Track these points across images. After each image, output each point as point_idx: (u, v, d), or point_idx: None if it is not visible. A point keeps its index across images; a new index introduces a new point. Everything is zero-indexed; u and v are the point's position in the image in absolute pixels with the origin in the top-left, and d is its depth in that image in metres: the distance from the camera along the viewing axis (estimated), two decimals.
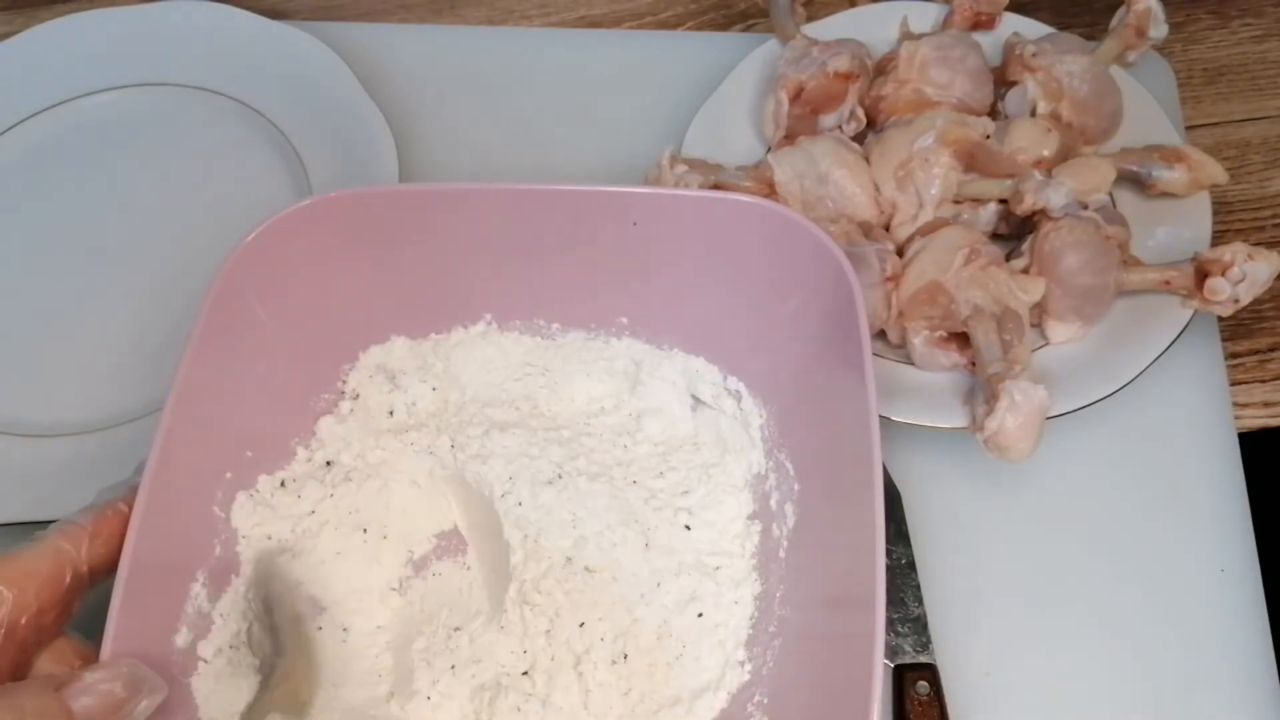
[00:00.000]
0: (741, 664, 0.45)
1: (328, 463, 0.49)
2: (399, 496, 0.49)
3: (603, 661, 0.45)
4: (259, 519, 0.46)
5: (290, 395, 0.48)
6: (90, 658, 0.38)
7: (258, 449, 0.47)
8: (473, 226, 0.48)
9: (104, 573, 0.39)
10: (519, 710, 0.44)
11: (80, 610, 0.39)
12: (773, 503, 0.47)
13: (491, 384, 0.51)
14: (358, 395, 0.50)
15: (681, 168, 0.55)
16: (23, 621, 0.36)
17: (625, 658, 0.45)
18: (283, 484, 0.48)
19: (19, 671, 0.37)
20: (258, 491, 0.47)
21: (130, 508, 0.40)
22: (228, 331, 0.45)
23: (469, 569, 0.49)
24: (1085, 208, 0.52)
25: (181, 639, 0.42)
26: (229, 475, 0.45)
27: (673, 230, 0.47)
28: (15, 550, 0.37)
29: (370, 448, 0.49)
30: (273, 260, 0.46)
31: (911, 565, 0.49)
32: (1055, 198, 0.51)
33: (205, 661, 0.42)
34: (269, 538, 0.46)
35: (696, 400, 0.51)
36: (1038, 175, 0.52)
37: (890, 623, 0.48)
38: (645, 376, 0.51)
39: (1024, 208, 0.52)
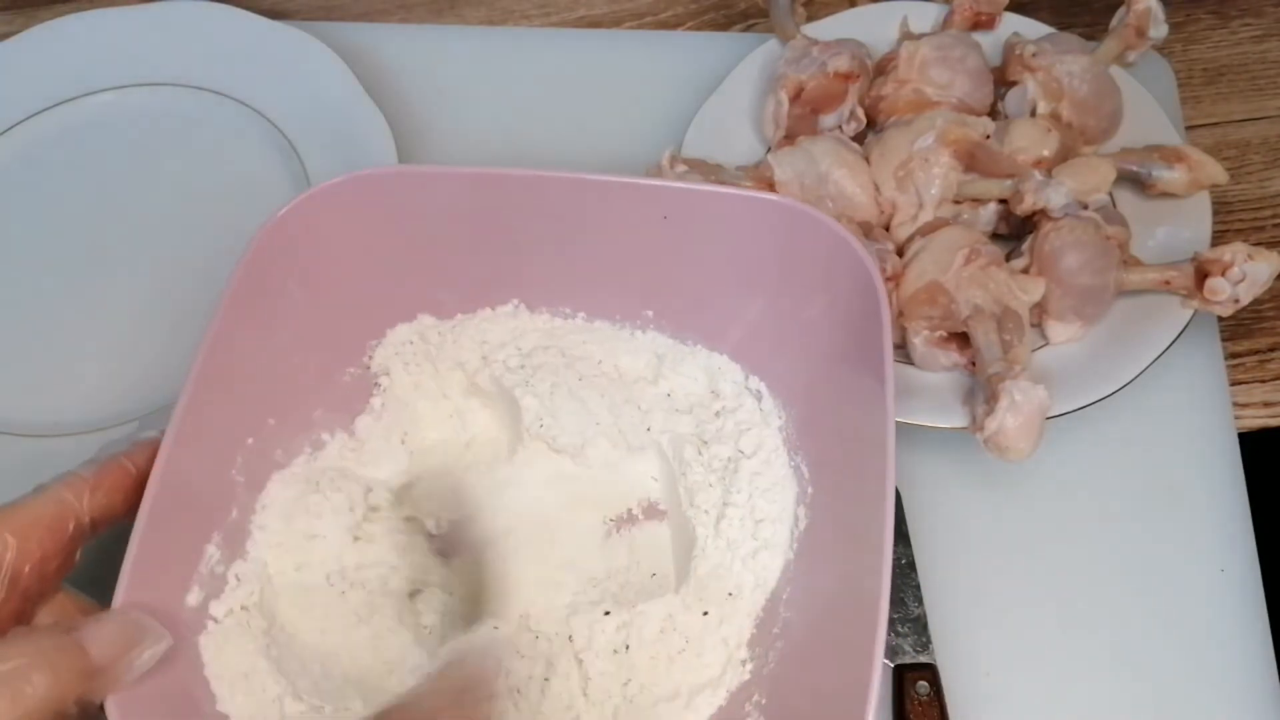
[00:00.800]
0: (743, 663, 0.45)
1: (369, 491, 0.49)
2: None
3: (604, 650, 0.45)
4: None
5: (315, 367, 0.49)
6: (90, 611, 0.39)
7: (280, 417, 0.47)
8: (505, 211, 0.48)
9: (105, 524, 0.39)
10: (518, 691, 0.45)
11: (81, 565, 0.39)
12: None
13: (523, 349, 0.52)
14: (388, 372, 0.51)
15: (681, 167, 0.55)
16: (26, 569, 0.37)
17: (627, 648, 0.45)
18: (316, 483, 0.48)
19: (22, 621, 0.37)
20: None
21: (134, 464, 0.40)
22: (257, 300, 0.45)
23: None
24: (1085, 208, 0.52)
25: (193, 597, 0.42)
26: (250, 441, 0.46)
27: (703, 226, 0.47)
28: (18, 500, 0.38)
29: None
30: (305, 233, 0.46)
31: (911, 565, 0.49)
32: (1055, 198, 0.51)
33: (216, 621, 0.43)
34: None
35: (715, 394, 0.51)
36: (1038, 175, 0.52)
37: (890, 623, 0.48)
38: (667, 370, 0.51)
39: (1024, 208, 0.52)
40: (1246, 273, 0.50)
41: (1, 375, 0.58)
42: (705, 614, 0.45)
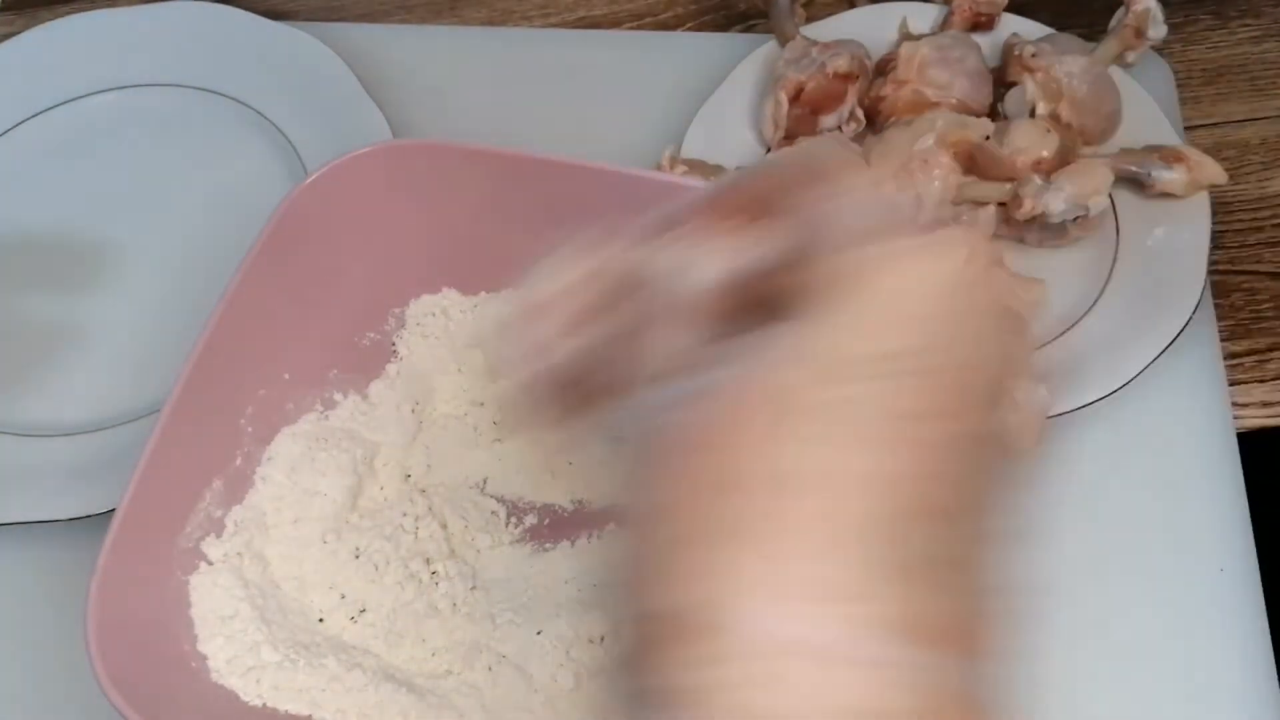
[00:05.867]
0: None
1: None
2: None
3: (580, 639, 0.45)
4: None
5: (335, 328, 0.50)
6: None
7: (295, 373, 0.48)
8: (536, 194, 0.48)
9: None
10: (489, 670, 0.45)
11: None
12: None
13: None
14: (407, 341, 0.52)
15: (681, 168, 0.55)
16: None
17: (602, 639, 0.45)
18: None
19: None
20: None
21: None
22: (282, 257, 0.46)
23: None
24: (1086, 212, 0.52)
25: (187, 537, 0.44)
26: (262, 393, 0.47)
27: None
28: None
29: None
30: (336, 197, 0.47)
31: None
32: (1054, 203, 0.51)
33: (209, 564, 0.44)
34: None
35: None
36: (1037, 180, 0.52)
37: None
38: None
39: (1023, 213, 0.52)
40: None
41: (1, 375, 0.58)
42: None
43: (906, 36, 0.60)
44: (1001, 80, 0.58)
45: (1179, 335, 0.51)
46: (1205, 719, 0.47)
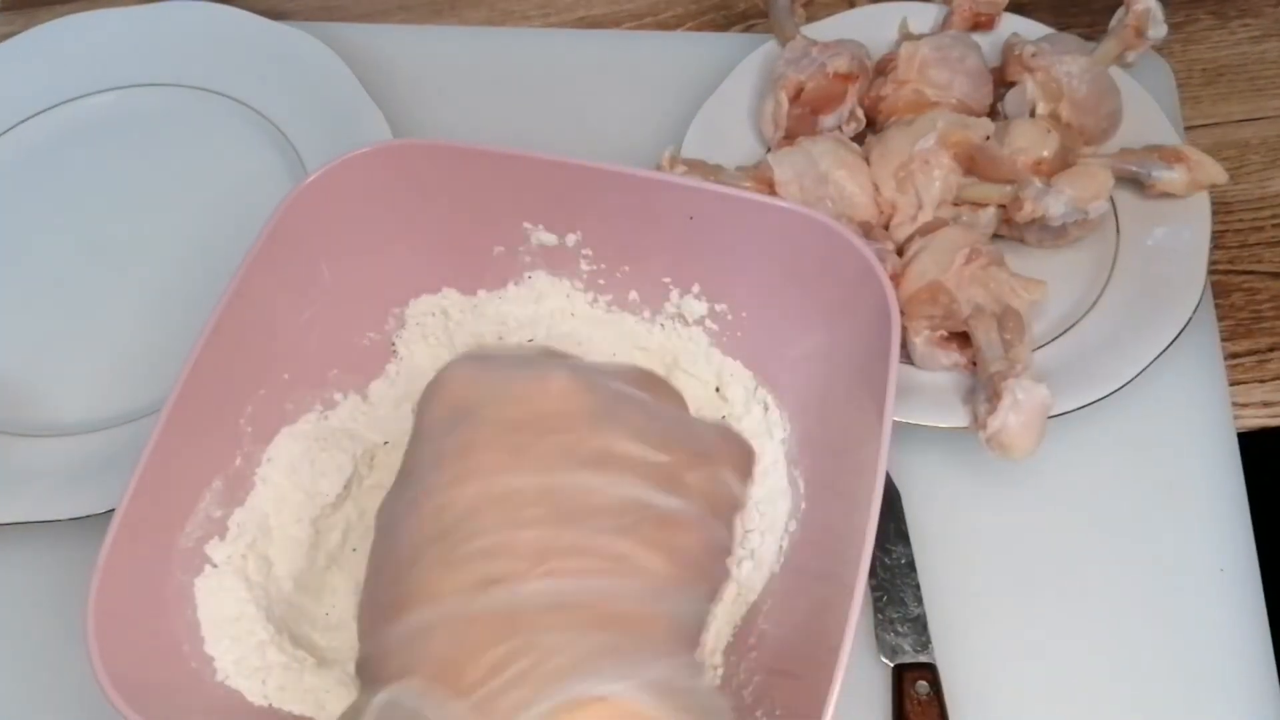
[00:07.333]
0: (715, 669, 0.44)
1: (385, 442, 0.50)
2: None
3: None
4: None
5: (335, 328, 0.50)
6: None
7: (295, 372, 0.48)
8: (535, 193, 0.48)
9: None
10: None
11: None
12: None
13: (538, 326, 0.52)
14: (407, 341, 0.52)
15: (681, 168, 0.55)
16: None
17: None
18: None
19: None
20: None
21: None
22: (280, 258, 0.46)
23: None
24: (1086, 216, 0.52)
25: (189, 538, 0.44)
26: (262, 392, 0.47)
27: (728, 231, 0.47)
28: None
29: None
30: (335, 198, 0.47)
31: (911, 564, 0.49)
32: (1054, 206, 0.51)
33: (213, 565, 0.44)
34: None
35: (723, 399, 0.51)
36: (1037, 183, 0.52)
37: (890, 622, 0.48)
38: (680, 370, 0.51)
39: (1023, 215, 0.52)
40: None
41: (2, 375, 0.58)
42: None
43: (906, 36, 0.60)
44: (1001, 80, 0.58)
45: (1179, 335, 0.51)
46: (1204, 719, 0.47)
